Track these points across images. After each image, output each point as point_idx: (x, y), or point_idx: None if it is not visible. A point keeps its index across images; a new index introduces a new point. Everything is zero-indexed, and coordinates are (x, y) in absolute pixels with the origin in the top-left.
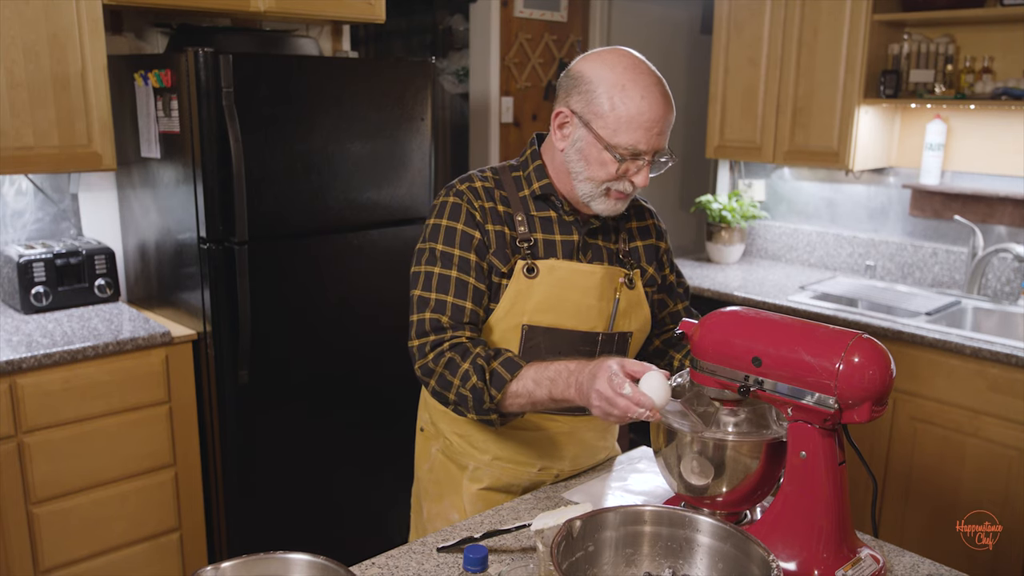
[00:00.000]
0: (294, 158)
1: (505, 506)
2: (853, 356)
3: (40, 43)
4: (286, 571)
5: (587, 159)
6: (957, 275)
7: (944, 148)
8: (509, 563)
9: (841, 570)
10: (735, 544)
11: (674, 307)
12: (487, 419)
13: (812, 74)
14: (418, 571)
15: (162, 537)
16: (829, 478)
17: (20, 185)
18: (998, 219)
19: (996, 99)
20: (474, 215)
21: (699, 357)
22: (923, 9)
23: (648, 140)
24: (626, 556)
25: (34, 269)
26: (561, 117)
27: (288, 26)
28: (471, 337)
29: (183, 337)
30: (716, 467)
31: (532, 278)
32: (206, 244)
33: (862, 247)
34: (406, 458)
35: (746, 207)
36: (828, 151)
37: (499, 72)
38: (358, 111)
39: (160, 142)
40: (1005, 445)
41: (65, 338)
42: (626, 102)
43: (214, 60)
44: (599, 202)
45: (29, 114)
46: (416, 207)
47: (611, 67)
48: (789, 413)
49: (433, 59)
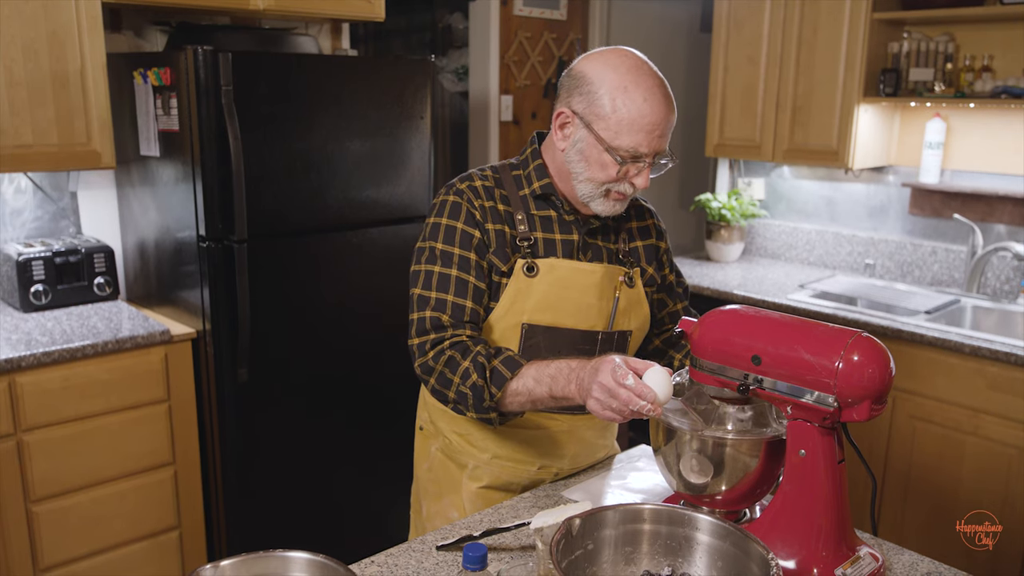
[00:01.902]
0: (293, 156)
1: (504, 504)
2: (852, 355)
3: (39, 41)
4: (285, 569)
5: (588, 160)
6: (956, 274)
7: (944, 147)
8: (508, 561)
9: (840, 568)
10: (734, 542)
11: (673, 307)
12: (486, 417)
13: (812, 72)
14: (417, 569)
15: (161, 535)
16: (828, 476)
17: (19, 183)
18: (997, 218)
19: (996, 98)
20: (474, 214)
21: (698, 356)
22: (923, 7)
23: (649, 142)
24: (625, 554)
25: (33, 267)
26: (562, 117)
27: (287, 24)
28: (471, 336)
29: (182, 335)
30: (715, 465)
31: (532, 277)
32: (205, 242)
33: (861, 246)
34: (405, 457)
35: (745, 206)
36: (828, 150)
37: (499, 70)
38: (357, 109)
39: (159, 140)
40: (1004, 444)
41: (64, 336)
42: (628, 104)
43: (213, 58)
44: (598, 202)
45: (28, 112)
46: (416, 205)
47: (614, 68)
48: (788, 411)
49: (432, 57)
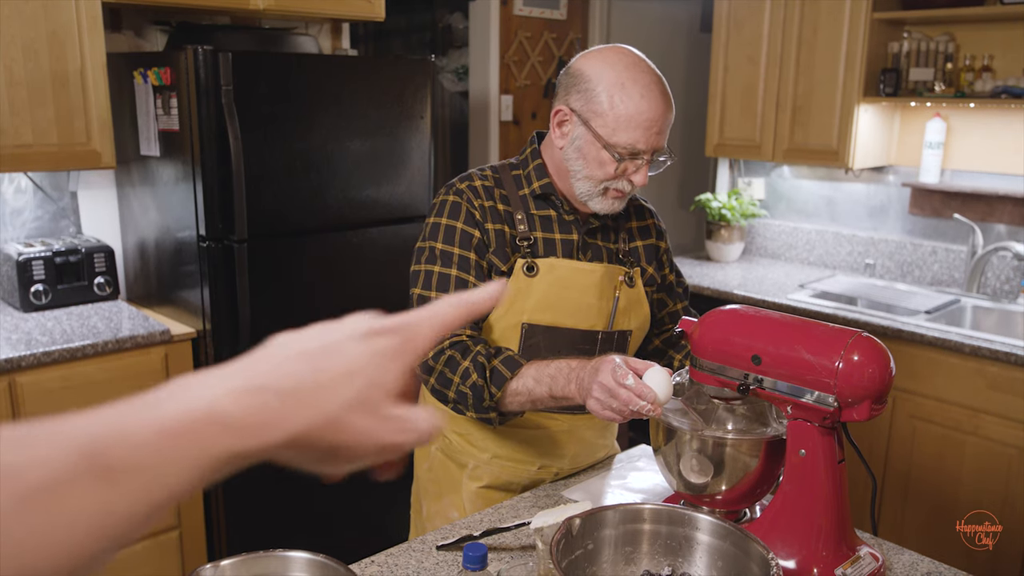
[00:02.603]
0: (293, 156)
1: (504, 504)
2: (852, 354)
3: (39, 41)
4: (285, 569)
5: (586, 158)
6: (956, 273)
7: (944, 146)
8: (509, 561)
9: (840, 568)
10: (734, 542)
11: (673, 307)
12: (486, 417)
13: (812, 72)
14: (417, 569)
15: (161, 535)
16: (828, 476)
17: (19, 183)
18: (997, 217)
19: (996, 97)
20: (474, 214)
21: (699, 355)
22: (923, 7)
23: (647, 139)
24: (625, 554)
25: (33, 267)
26: (560, 115)
27: (287, 24)
28: (471, 335)
29: (182, 335)
30: (715, 465)
31: (532, 277)
32: (205, 242)
33: (861, 245)
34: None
35: (745, 205)
36: (828, 149)
37: (499, 70)
38: (357, 109)
39: (159, 140)
40: (1004, 443)
41: (64, 336)
42: (625, 101)
43: (213, 58)
44: (597, 201)
45: (28, 112)
46: (416, 205)
47: (611, 65)
48: (788, 411)
49: (433, 57)
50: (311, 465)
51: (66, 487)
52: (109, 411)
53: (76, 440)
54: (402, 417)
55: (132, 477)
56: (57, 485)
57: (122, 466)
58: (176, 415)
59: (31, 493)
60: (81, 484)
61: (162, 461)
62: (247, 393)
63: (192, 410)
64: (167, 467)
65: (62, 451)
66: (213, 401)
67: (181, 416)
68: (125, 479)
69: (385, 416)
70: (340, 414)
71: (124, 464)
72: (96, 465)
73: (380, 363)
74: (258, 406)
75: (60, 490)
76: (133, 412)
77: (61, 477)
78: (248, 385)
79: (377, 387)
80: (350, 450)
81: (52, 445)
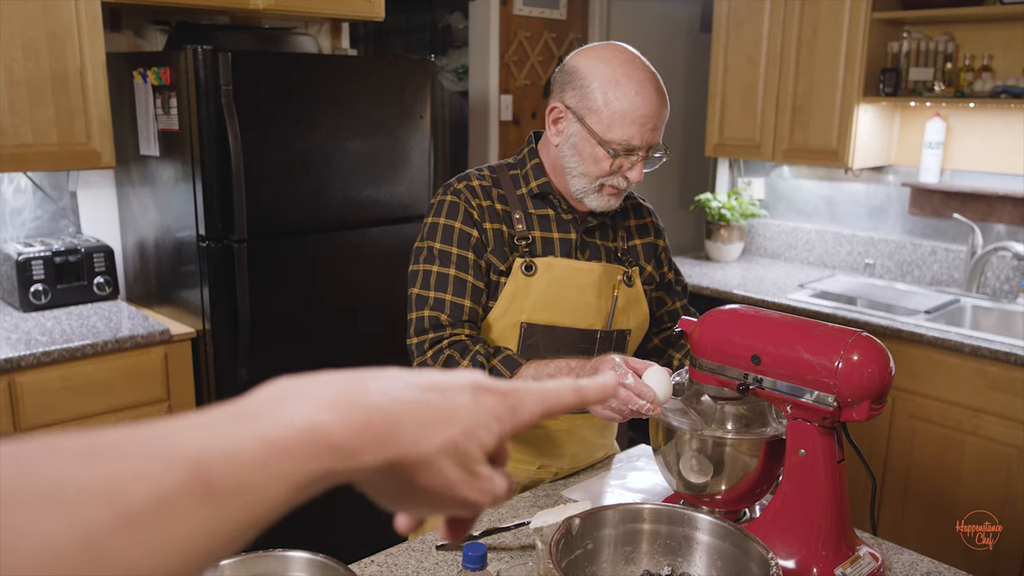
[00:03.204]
0: (293, 156)
1: (504, 504)
2: (852, 354)
3: (39, 41)
4: (285, 569)
5: (581, 154)
6: (956, 273)
7: (943, 146)
8: (508, 561)
9: (840, 568)
10: (734, 542)
11: (672, 305)
12: None
13: (811, 72)
14: (417, 569)
15: None
16: (828, 476)
17: (19, 183)
18: (997, 217)
19: (995, 97)
20: (472, 213)
21: (698, 355)
22: (923, 7)
23: (642, 135)
24: (625, 554)
25: (33, 267)
26: (556, 112)
27: (287, 24)
28: (470, 335)
29: (182, 335)
30: (715, 465)
31: (530, 276)
32: (205, 242)
33: (861, 245)
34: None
35: (745, 205)
36: (827, 149)
37: (498, 70)
38: (357, 109)
39: (159, 140)
40: (1004, 443)
41: (64, 336)
42: (620, 97)
43: (213, 58)
44: (592, 198)
45: (28, 112)
46: (415, 205)
47: (605, 62)
48: (788, 411)
49: (432, 57)
50: (388, 499)
51: (171, 506)
52: (204, 421)
53: (179, 454)
54: (489, 477)
55: (236, 496)
56: (162, 504)
57: (227, 484)
58: (278, 430)
59: (136, 512)
60: (186, 503)
61: (264, 479)
62: (352, 408)
63: (294, 425)
64: (269, 486)
65: (166, 465)
66: (314, 415)
67: (284, 431)
68: (228, 498)
69: (474, 472)
70: (434, 455)
71: (228, 482)
72: (200, 482)
73: (483, 419)
74: (362, 423)
75: (165, 510)
76: (231, 424)
77: (166, 496)
78: (352, 400)
79: (474, 440)
80: (430, 495)
81: (154, 457)
